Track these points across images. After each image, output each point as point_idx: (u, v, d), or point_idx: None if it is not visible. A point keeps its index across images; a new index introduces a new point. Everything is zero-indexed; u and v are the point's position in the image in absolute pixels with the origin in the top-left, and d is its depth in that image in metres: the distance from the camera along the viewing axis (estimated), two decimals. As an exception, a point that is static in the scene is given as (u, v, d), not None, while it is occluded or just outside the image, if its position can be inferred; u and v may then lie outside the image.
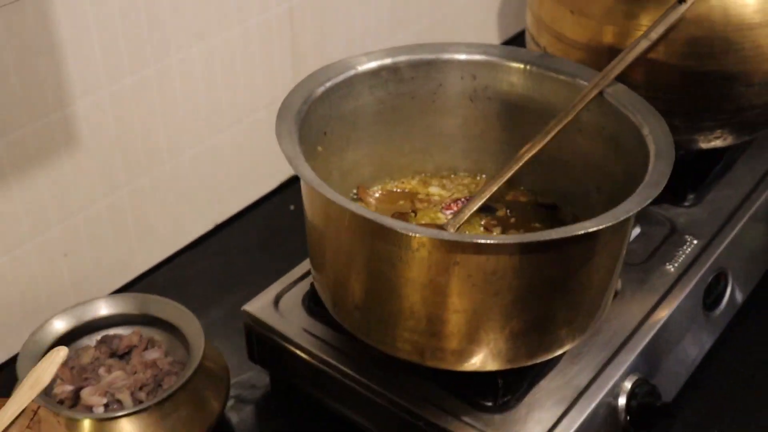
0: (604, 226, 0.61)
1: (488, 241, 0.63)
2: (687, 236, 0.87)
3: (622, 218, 0.62)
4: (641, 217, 0.87)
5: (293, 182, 1.09)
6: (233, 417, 0.82)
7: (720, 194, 0.93)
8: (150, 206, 0.93)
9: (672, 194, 0.90)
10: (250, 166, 1.03)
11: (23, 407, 0.63)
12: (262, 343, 0.80)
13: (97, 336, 0.81)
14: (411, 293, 0.65)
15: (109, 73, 0.83)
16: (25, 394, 0.64)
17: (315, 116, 0.74)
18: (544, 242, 0.61)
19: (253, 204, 1.07)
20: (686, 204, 0.91)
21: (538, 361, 0.70)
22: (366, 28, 0.98)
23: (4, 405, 0.63)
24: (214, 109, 0.95)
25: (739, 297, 0.89)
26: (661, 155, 0.69)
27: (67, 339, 0.79)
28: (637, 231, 0.87)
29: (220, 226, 1.03)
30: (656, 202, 0.72)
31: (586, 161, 0.78)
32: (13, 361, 0.77)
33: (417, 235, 0.61)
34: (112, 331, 0.81)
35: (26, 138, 0.78)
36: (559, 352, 0.71)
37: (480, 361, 0.68)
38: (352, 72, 0.78)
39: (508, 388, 0.72)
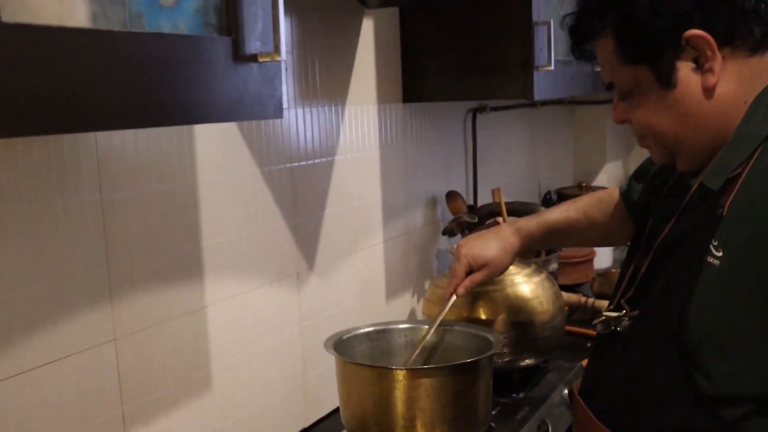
0: (485, 356, 1.30)
1: (428, 368, 1.31)
2: (522, 407, 1.55)
3: (488, 354, 1.32)
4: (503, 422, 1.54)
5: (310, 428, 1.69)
6: None
7: (536, 391, 1.62)
8: (235, 419, 1.52)
9: (509, 396, 1.59)
10: (285, 407, 1.64)
11: None
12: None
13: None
14: (400, 404, 1.30)
15: (223, 352, 1.48)
16: None
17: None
18: (461, 364, 1.29)
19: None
20: (521, 397, 1.59)
21: (462, 440, 1.33)
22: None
23: None
24: (268, 378, 1.60)
25: None
26: (498, 343, 1.40)
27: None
28: (498, 408, 1.53)
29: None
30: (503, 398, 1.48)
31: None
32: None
33: (396, 369, 1.29)
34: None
35: (192, 382, 1.41)
36: (471, 436, 1.35)
37: (435, 440, 1.31)
38: (349, 335, 1.48)
39: (451, 459, 1.33)
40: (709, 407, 1.03)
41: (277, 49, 1.01)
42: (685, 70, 1.06)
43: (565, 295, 2.02)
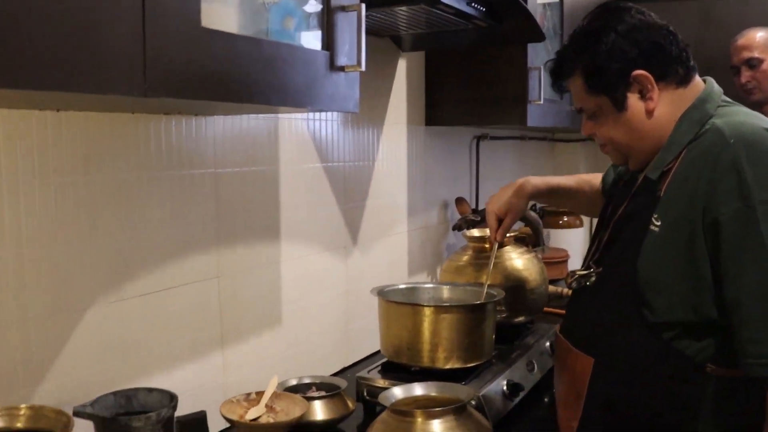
0: (492, 300, 1.55)
1: (450, 305, 1.55)
2: (516, 350, 1.78)
3: (494, 299, 1.56)
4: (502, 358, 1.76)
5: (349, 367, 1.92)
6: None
7: (525, 341, 1.85)
8: (297, 350, 1.75)
9: (506, 344, 1.82)
10: (331, 350, 1.88)
11: (270, 393, 1.43)
12: (364, 389, 1.61)
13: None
14: (427, 333, 1.53)
15: (290, 298, 1.72)
16: (271, 389, 1.43)
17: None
18: (474, 305, 1.54)
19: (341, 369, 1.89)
20: (515, 344, 1.82)
21: (473, 364, 1.57)
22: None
23: (261, 398, 1.41)
24: (321, 324, 1.83)
25: (540, 372, 1.78)
26: (500, 294, 1.64)
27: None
28: (494, 352, 1.76)
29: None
30: (502, 345, 1.70)
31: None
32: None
33: (426, 306, 1.53)
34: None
35: (269, 317, 1.65)
36: (480, 361, 1.58)
37: (452, 361, 1.55)
38: (389, 288, 1.72)
39: (464, 377, 1.56)
40: (653, 331, 1.27)
41: (359, 63, 1.28)
42: (632, 98, 1.32)
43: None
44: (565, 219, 2.91)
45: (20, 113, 1.14)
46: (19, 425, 0.99)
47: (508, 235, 1.81)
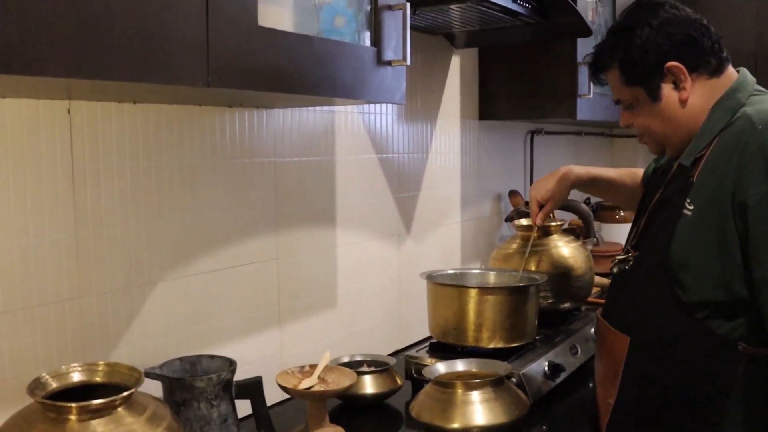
0: (535, 283, 1.62)
1: (493, 287, 1.63)
2: (560, 334, 1.85)
3: (538, 282, 1.63)
4: (545, 341, 1.84)
5: (401, 350, 2.02)
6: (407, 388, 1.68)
7: (570, 327, 1.92)
8: (351, 331, 1.86)
9: (551, 329, 1.89)
10: (387, 333, 1.98)
11: (323, 366, 1.53)
12: (412, 367, 1.71)
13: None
14: (472, 314, 1.62)
15: (345, 281, 1.83)
16: (324, 362, 1.54)
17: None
18: (516, 287, 1.62)
19: (393, 352, 1.99)
20: (560, 329, 1.89)
21: (516, 344, 1.66)
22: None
23: (314, 370, 1.52)
24: (375, 308, 1.94)
25: (584, 357, 1.84)
26: (542, 279, 1.71)
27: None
28: (539, 336, 1.83)
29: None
30: (547, 329, 1.77)
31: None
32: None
33: (471, 287, 1.61)
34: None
35: (324, 299, 1.76)
36: (522, 342, 1.66)
37: (495, 341, 1.63)
38: (437, 273, 1.82)
39: (507, 356, 1.65)
40: (685, 310, 1.32)
41: (405, 58, 1.38)
42: (667, 89, 1.39)
43: (598, 278, 2.31)
44: (621, 214, 2.94)
45: (102, 105, 1.28)
46: (97, 379, 1.12)
47: (552, 223, 1.89)
